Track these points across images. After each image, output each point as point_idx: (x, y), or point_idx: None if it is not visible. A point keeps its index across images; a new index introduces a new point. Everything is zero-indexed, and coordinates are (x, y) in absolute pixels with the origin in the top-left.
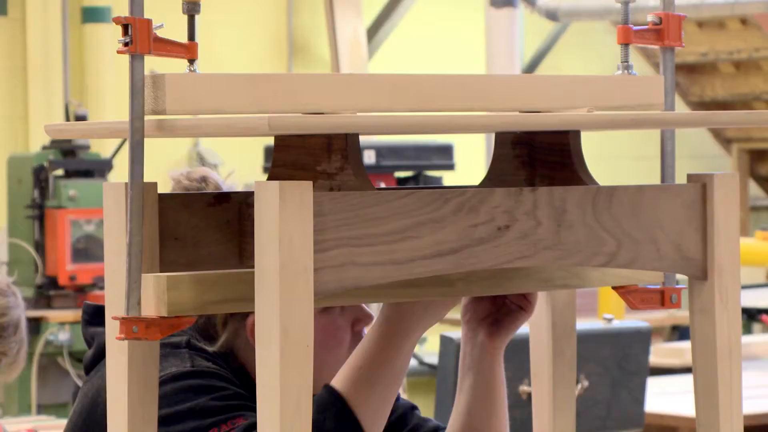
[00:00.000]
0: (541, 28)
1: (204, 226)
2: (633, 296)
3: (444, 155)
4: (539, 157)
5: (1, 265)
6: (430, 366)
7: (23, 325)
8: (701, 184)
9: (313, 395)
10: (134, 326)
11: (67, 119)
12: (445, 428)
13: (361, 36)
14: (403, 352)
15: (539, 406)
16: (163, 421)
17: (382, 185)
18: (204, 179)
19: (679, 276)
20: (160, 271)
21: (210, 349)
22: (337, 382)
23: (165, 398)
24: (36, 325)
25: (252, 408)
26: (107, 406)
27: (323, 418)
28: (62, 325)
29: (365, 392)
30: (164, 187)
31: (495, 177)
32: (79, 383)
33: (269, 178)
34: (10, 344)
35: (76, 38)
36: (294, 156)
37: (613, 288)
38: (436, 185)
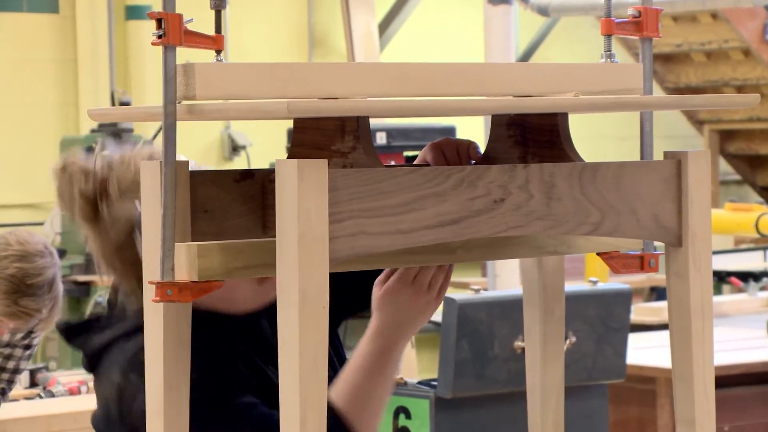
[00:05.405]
0: (533, 22)
1: (230, 200)
2: (615, 261)
3: (447, 136)
4: (531, 137)
5: (55, 235)
6: (436, 323)
7: (58, 283)
8: (676, 160)
9: None
10: (168, 290)
11: (113, 105)
12: None
13: (373, 30)
14: (395, 364)
15: (531, 360)
16: None
17: (392, 163)
18: None
19: (656, 243)
20: (192, 241)
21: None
22: (338, 397)
23: None
24: (86, 289)
25: None
26: (145, 362)
27: None
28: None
29: (362, 409)
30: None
31: (491, 155)
32: None
33: (289, 157)
34: (44, 301)
35: (120, 33)
36: (311, 137)
37: (597, 254)
38: None
